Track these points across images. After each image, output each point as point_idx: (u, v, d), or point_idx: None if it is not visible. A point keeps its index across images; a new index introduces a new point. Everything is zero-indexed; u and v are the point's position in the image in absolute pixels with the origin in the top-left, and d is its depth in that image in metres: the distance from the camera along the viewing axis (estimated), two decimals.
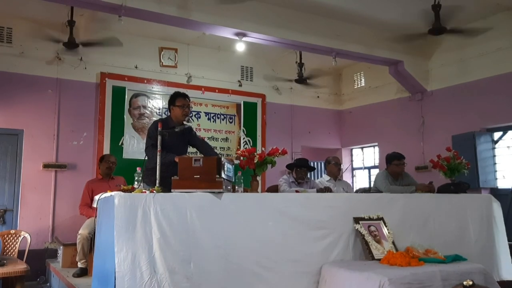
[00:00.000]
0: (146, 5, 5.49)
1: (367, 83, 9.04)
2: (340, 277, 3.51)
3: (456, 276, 3.52)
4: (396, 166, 5.36)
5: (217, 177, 3.36)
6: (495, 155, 7.01)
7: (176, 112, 4.29)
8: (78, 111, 6.92)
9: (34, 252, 5.68)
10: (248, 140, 8.33)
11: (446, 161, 5.16)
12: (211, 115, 8.04)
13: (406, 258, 3.71)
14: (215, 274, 3.28)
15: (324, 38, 6.76)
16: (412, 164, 6.38)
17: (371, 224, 4.04)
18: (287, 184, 5.20)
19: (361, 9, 6.54)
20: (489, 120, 6.92)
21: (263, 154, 3.98)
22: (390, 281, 3.23)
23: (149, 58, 7.57)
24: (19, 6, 6.31)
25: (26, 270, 4.27)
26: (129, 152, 7.18)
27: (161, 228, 3.14)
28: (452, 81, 7.41)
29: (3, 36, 6.54)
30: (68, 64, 6.90)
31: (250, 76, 8.51)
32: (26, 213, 6.43)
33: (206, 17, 5.93)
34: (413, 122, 7.95)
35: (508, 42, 6.62)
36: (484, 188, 6.79)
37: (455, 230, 4.60)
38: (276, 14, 6.39)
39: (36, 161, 6.56)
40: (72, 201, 6.19)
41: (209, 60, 8.04)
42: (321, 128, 9.25)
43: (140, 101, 7.44)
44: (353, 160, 9.61)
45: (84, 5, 5.55)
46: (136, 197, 3.14)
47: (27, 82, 6.63)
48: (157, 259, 3.08)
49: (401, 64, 7.51)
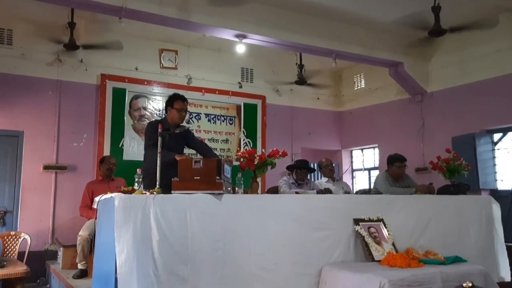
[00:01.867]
0: (147, 7, 5.50)
1: (367, 85, 9.04)
2: (341, 279, 3.51)
3: (456, 278, 3.52)
4: (397, 168, 5.33)
5: (217, 179, 3.36)
6: (495, 157, 7.01)
7: (173, 115, 4.23)
8: (78, 112, 6.93)
9: (34, 254, 5.68)
10: (248, 141, 8.34)
11: (446, 163, 5.15)
12: (211, 117, 8.04)
13: (406, 259, 3.72)
14: (215, 275, 3.28)
15: (324, 39, 6.77)
16: (412, 165, 6.37)
17: (371, 226, 4.04)
18: (287, 185, 5.18)
19: (361, 10, 6.55)
20: (489, 122, 6.92)
21: (263, 156, 3.97)
22: (390, 283, 3.24)
23: (149, 59, 7.57)
24: (20, 8, 6.32)
25: (26, 271, 4.27)
26: (129, 153, 7.18)
27: (161, 230, 3.13)
28: (452, 83, 7.41)
29: (3, 37, 6.55)
30: (68, 66, 6.91)
31: (250, 78, 8.52)
32: (26, 214, 6.43)
33: (206, 19, 5.94)
34: (413, 123, 7.96)
35: (508, 43, 6.63)
36: (484, 189, 6.78)
37: (455, 232, 4.60)
38: (276, 15, 6.41)
39: (36, 163, 6.57)
40: (72, 202, 6.19)
41: (209, 61, 8.05)
42: (321, 129, 9.25)
43: (140, 103, 7.45)
44: (353, 162, 9.61)
45: (85, 7, 5.56)
46: (136, 199, 3.14)
47: (27, 84, 6.63)
48: (157, 260, 3.08)
49: (401, 65, 7.51)
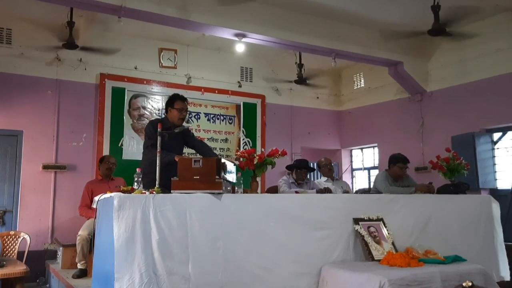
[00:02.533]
0: (146, 6, 5.49)
1: (366, 84, 9.04)
2: (340, 278, 3.51)
3: (455, 277, 3.52)
4: (399, 169, 5.27)
5: (216, 178, 3.36)
6: (495, 156, 7.01)
7: (173, 115, 4.25)
8: (77, 112, 6.92)
9: (33, 253, 5.68)
10: (247, 141, 8.33)
11: (445, 162, 5.15)
12: (210, 116, 8.04)
13: (405, 259, 3.72)
14: (214, 275, 3.27)
15: (323, 39, 6.77)
16: (411, 165, 6.33)
17: (370, 225, 4.04)
18: (287, 185, 5.18)
19: (361, 10, 6.54)
20: (488, 121, 6.92)
21: (262, 155, 3.96)
22: (390, 282, 3.24)
23: (148, 59, 7.57)
24: (19, 7, 6.30)
25: (26, 271, 4.26)
26: (129, 153, 7.18)
27: (160, 229, 3.13)
28: (451, 82, 7.41)
29: (2, 37, 6.54)
30: (67, 65, 6.90)
31: (249, 77, 8.51)
32: (25, 214, 6.43)
33: (205, 18, 5.94)
34: (412, 123, 7.95)
35: (507, 43, 6.63)
36: (484, 188, 6.78)
37: (454, 231, 4.60)
38: (275, 15, 6.40)
39: (35, 162, 6.56)
40: (72, 202, 6.19)
41: (209, 61, 8.04)
42: (321, 129, 9.24)
43: (139, 102, 7.45)
44: (353, 161, 9.61)
45: (84, 6, 5.55)
46: (136, 198, 3.13)
47: (26, 83, 6.63)
48: (156, 260, 3.08)
49: (401, 65, 7.51)
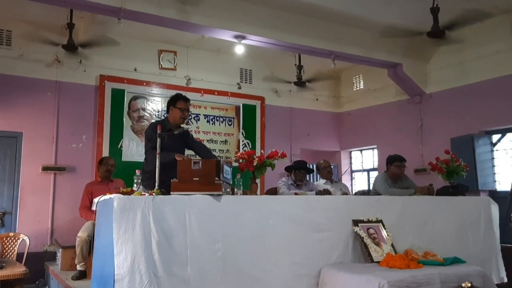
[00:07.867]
0: (146, 8, 5.50)
1: (366, 86, 9.05)
2: (340, 280, 3.51)
3: (455, 279, 3.53)
4: (397, 168, 5.34)
5: (216, 180, 3.36)
6: (494, 158, 7.02)
7: (175, 114, 4.24)
8: (77, 113, 6.92)
9: (33, 255, 5.69)
10: (247, 142, 8.34)
11: (445, 164, 5.16)
12: (210, 118, 8.04)
13: (405, 260, 3.72)
14: (214, 276, 3.28)
15: (323, 40, 6.78)
16: (411, 166, 6.38)
17: (370, 227, 4.04)
18: (286, 186, 5.18)
19: (360, 12, 6.55)
20: (487, 123, 6.93)
21: (262, 157, 3.97)
22: (389, 284, 3.24)
23: (148, 60, 7.57)
24: (19, 9, 6.31)
25: (25, 273, 4.27)
26: (128, 154, 7.18)
27: (159, 231, 3.13)
28: (450, 84, 7.42)
29: (2, 38, 6.55)
30: (67, 67, 6.90)
31: (249, 79, 8.52)
32: (25, 215, 6.42)
33: (205, 19, 5.94)
34: (412, 124, 7.96)
35: (506, 44, 6.64)
36: (483, 190, 6.78)
37: (454, 233, 4.61)
38: (275, 16, 6.41)
39: (35, 164, 6.56)
40: (71, 203, 6.19)
41: (208, 62, 8.05)
42: (320, 130, 9.25)
43: (139, 104, 7.45)
44: (352, 163, 9.61)
45: (84, 8, 5.56)
46: (135, 200, 3.14)
47: (26, 85, 6.62)
48: (156, 261, 3.08)
49: (400, 66, 7.51)
